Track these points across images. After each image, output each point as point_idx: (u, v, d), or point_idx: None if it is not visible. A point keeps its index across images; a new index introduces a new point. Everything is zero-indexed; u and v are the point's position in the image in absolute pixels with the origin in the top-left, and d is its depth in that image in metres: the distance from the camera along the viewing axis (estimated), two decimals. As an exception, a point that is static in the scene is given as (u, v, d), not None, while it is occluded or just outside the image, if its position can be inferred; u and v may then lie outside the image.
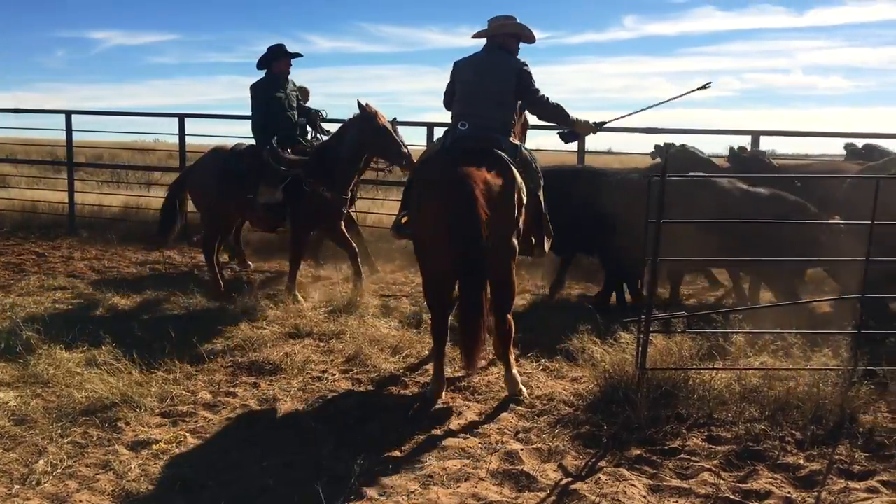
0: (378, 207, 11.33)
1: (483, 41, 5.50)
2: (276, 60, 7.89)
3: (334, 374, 5.51)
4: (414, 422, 4.68)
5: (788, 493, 3.79)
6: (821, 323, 6.33)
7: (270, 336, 6.30)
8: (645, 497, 3.75)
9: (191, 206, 8.77)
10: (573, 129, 5.71)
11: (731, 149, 8.37)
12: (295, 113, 8.05)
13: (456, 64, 5.44)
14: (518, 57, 5.46)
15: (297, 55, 8.08)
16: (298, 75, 8.95)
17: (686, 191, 6.50)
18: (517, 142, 5.42)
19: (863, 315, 4.95)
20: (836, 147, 11.13)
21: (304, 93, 8.89)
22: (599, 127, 5.86)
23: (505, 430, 4.58)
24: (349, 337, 6.27)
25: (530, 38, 5.53)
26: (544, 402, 5.03)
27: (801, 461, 4.12)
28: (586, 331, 5.82)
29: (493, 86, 5.29)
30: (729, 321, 5.78)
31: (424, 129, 10.44)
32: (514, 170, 5.07)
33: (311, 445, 4.29)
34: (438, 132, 10.59)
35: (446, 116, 5.60)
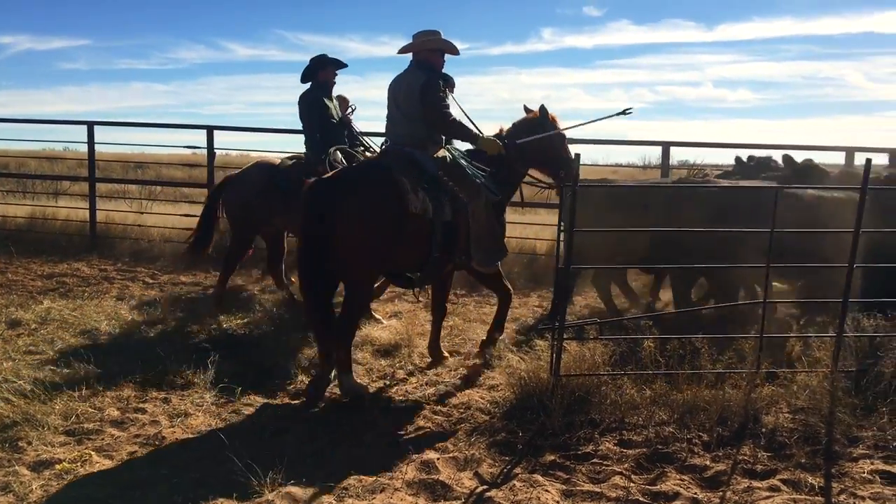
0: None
1: (409, 56, 5.70)
2: (323, 69, 7.59)
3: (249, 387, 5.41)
4: (330, 433, 4.64)
5: (695, 493, 3.90)
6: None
7: (183, 349, 6.13)
8: (558, 502, 3.80)
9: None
10: (479, 147, 5.75)
11: (737, 158, 8.51)
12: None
13: (390, 85, 5.70)
14: (434, 72, 5.59)
15: (343, 65, 7.71)
16: (216, 82, 8.76)
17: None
18: (445, 153, 5.61)
19: (764, 319, 5.15)
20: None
21: (342, 102, 8.38)
22: (508, 146, 5.86)
23: (421, 440, 4.58)
24: (265, 348, 6.17)
25: (454, 52, 5.73)
26: (461, 410, 5.06)
27: (708, 462, 4.25)
28: (503, 339, 5.89)
29: (404, 103, 5.55)
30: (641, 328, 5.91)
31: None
32: (402, 187, 5.20)
33: (223, 461, 4.19)
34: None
35: (365, 126, 5.68)
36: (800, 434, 4.50)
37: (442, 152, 5.67)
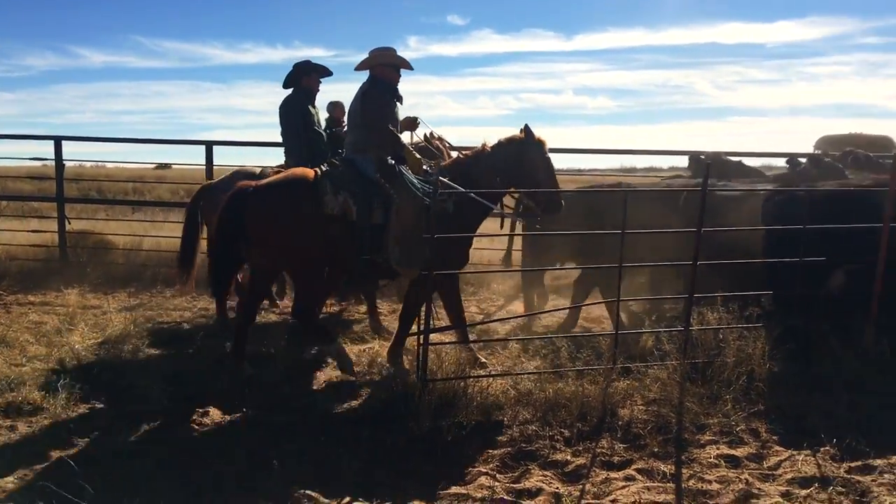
0: (157, 230, 10.77)
1: (366, 72, 5.95)
2: (307, 76, 7.33)
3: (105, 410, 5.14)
4: (191, 454, 4.47)
5: (557, 488, 4.03)
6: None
7: (31, 373, 5.75)
8: (424, 506, 3.82)
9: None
10: (404, 158, 5.81)
11: (690, 158, 8.80)
12: (322, 132, 7.46)
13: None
14: (379, 83, 5.86)
15: (328, 72, 7.47)
16: (68, 90, 8.28)
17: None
18: (390, 159, 5.75)
19: (618, 316, 5.39)
20: (604, 163, 12.07)
21: (339, 107, 8.19)
22: (425, 171, 5.85)
23: (288, 453, 4.49)
24: (122, 369, 5.88)
25: (407, 66, 6.00)
26: (327, 419, 5.00)
27: (569, 457, 4.40)
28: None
29: (353, 113, 5.91)
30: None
31: (203, 147, 9.99)
32: (319, 189, 5.52)
33: (75, 491, 3.95)
34: (221, 151, 10.31)
35: (231, 134, 5.65)
36: (653, 425, 4.73)
37: (387, 158, 5.76)
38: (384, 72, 5.91)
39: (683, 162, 10.61)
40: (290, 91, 7.37)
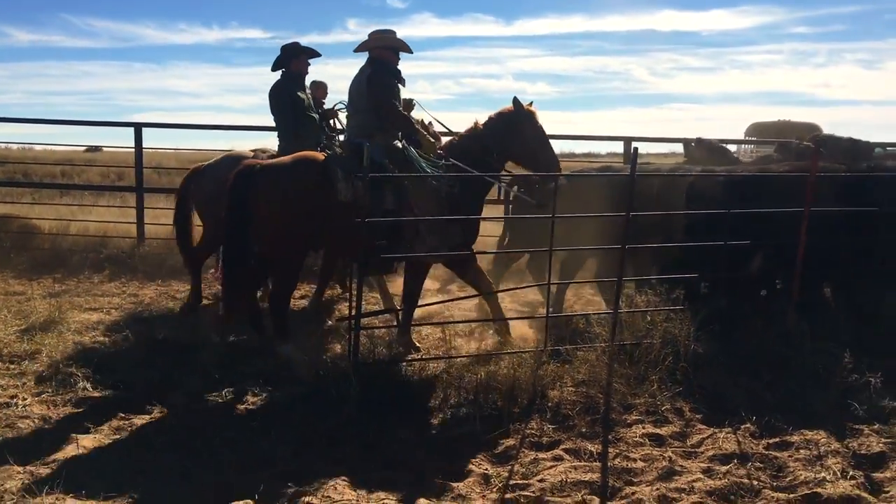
0: (85, 214, 10.49)
1: (366, 53, 5.97)
2: (296, 59, 7.16)
3: (26, 399, 5.00)
4: (119, 443, 4.39)
5: (486, 469, 4.08)
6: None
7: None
8: (354, 491, 3.82)
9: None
10: (419, 141, 5.88)
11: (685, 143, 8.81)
12: (316, 115, 7.29)
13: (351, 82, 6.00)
14: (383, 66, 5.87)
15: (317, 54, 7.30)
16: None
17: None
18: (397, 142, 5.83)
19: (548, 300, 5.46)
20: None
21: (321, 88, 8.00)
22: (453, 148, 6.06)
23: (215, 442, 4.44)
24: (46, 356, 5.73)
25: (406, 49, 6.01)
26: (258, 405, 4.96)
27: (499, 438, 4.45)
28: (302, 333, 5.83)
29: (356, 96, 5.89)
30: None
31: (132, 129, 9.75)
32: (330, 175, 5.46)
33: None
34: (150, 133, 10.09)
35: (165, 117, 5.51)
36: (581, 405, 4.82)
37: (393, 141, 5.82)
38: (384, 54, 5.92)
39: (620, 148, 10.77)
40: (278, 75, 7.23)
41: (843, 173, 6.33)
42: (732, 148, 10.29)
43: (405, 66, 6.06)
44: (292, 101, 7.07)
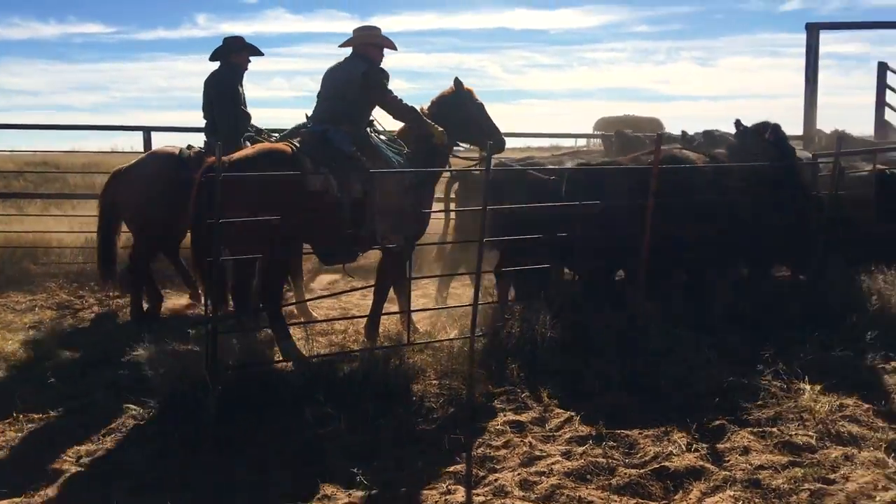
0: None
1: (348, 50, 6.01)
2: (238, 53, 6.95)
3: None
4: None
5: (352, 468, 4.03)
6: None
7: None
8: (215, 499, 3.72)
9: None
10: (430, 133, 5.90)
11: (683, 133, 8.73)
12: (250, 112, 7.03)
13: (325, 72, 6.03)
14: (373, 63, 5.91)
15: (259, 52, 7.10)
16: None
17: None
18: (369, 132, 5.89)
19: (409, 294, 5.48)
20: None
21: None
22: (446, 141, 6.05)
23: (66, 458, 4.20)
24: None
25: (391, 46, 6.07)
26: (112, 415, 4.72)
27: (363, 436, 4.42)
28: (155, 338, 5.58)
29: (340, 86, 5.85)
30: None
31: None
32: (301, 167, 5.42)
33: None
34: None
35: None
36: (445, 398, 4.89)
37: (356, 130, 5.79)
38: (370, 50, 5.98)
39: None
40: (216, 64, 6.98)
41: (686, 165, 6.71)
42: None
43: (261, 62, 6.08)
44: (233, 92, 6.87)
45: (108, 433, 4.51)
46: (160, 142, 8.66)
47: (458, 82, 6.21)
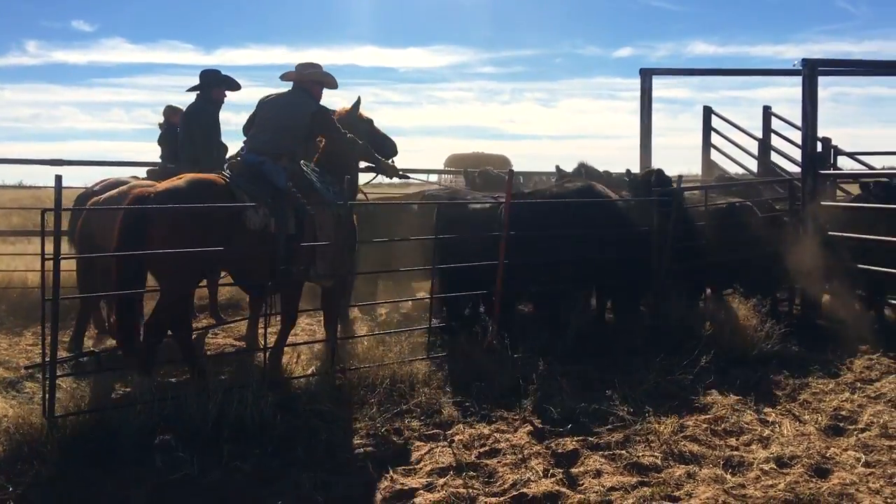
0: None
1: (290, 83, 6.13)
2: (217, 87, 7.26)
3: None
4: None
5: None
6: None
7: None
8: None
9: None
10: (381, 168, 6.38)
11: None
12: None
13: (261, 100, 6.09)
14: (318, 102, 6.07)
15: (238, 87, 7.40)
16: None
17: None
18: (304, 167, 5.92)
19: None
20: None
21: (175, 113, 8.01)
22: (402, 174, 6.86)
23: None
24: None
25: (332, 85, 6.20)
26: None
27: (218, 476, 4.25)
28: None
29: (284, 119, 5.84)
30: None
31: None
32: (237, 195, 5.34)
33: None
34: None
35: None
36: (304, 434, 4.78)
37: (292, 165, 5.81)
38: (312, 87, 6.09)
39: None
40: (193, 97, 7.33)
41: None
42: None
43: (98, 93, 6.17)
44: (213, 122, 7.22)
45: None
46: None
47: (358, 102, 6.93)
